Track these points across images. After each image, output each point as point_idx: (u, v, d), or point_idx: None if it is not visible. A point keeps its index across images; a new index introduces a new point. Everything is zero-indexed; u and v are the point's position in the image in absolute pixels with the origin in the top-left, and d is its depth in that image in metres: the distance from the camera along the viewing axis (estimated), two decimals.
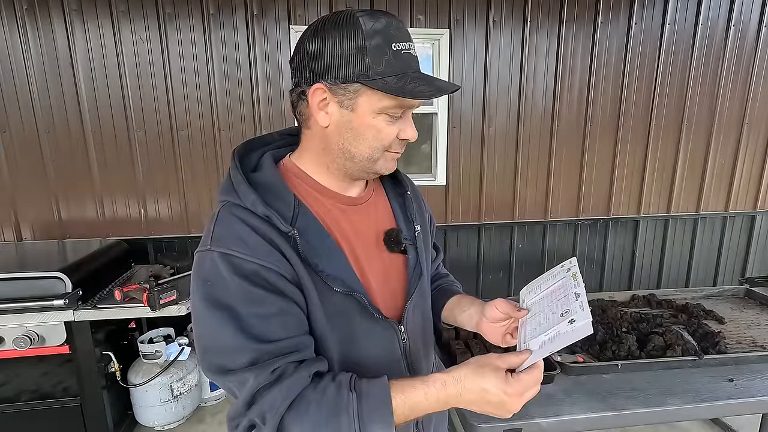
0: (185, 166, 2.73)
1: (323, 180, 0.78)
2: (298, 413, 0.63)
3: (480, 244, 3.15)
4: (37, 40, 2.46)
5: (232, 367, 0.65)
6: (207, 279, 0.67)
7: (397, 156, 0.77)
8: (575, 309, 0.66)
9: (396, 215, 0.87)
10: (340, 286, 0.71)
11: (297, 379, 0.64)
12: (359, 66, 0.66)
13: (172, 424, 2.43)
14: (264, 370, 0.64)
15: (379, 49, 0.66)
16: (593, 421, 1.22)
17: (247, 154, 0.80)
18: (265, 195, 0.70)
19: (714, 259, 3.48)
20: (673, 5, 2.93)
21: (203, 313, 0.67)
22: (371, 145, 0.72)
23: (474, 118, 2.93)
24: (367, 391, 0.65)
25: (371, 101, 0.69)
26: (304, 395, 0.64)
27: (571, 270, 0.75)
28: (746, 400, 1.28)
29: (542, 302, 0.75)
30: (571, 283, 0.72)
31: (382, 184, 0.90)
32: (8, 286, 1.96)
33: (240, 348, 0.64)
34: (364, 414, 0.63)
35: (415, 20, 2.73)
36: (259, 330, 0.65)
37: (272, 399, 0.63)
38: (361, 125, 0.71)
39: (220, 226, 0.70)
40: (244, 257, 0.66)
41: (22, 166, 2.59)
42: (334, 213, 0.77)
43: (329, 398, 0.64)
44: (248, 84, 2.68)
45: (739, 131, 3.20)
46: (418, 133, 0.74)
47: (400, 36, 0.68)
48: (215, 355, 0.66)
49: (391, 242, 0.81)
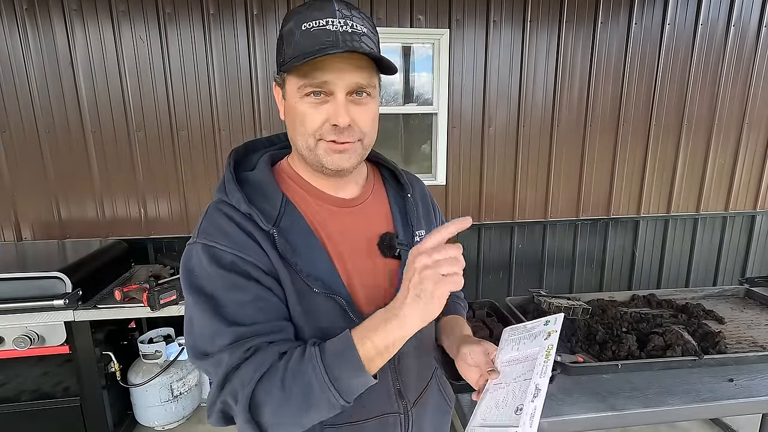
0: (185, 166, 2.73)
1: (313, 180, 0.78)
2: (268, 384, 0.63)
3: (480, 244, 3.16)
4: (37, 40, 2.46)
5: (210, 350, 0.66)
6: (192, 269, 0.70)
7: (338, 147, 0.70)
8: (525, 416, 0.61)
9: (395, 219, 0.84)
10: (321, 287, 0.70)
11: (267, 355, 0.64)
12: (281, 54, 0.70)
13: (172, 424, 2.43)
14: (238, 349, 0.64)
15: (289, 34, 0.68)
16: (593, 421, 1.22)
17: (248, 155, 0.82)
18: (252, 194, 0.72)
19: (714, 259, 3.48)
20: (673, 5, 2.93)
21: (187, 300, 0.70)
22: (301, 132, 0.71)
23: (474, 118, 2.93)
24: (329, 343, 0.65)
25: (292, 86, 0.70)
26: (273, 366, 0.64)
27: (550, 339, 0.69)
28: (746, 400, 1.28)
29: (513, 370, 0.70)
30: (542, 361, 0.66)
31: (385, 185, 0.88)
32: (8, 286, 1.96)
33: (218, 331, 0.65)
34: (329, 360, 0.62)
35: (415, 20, 2.73)
36: (237, 315, 0.66)
37: (243, 375, 0.63)
38: (290, 112, 0.72)
39: (207, 220, 0.73)
40: (224, 248, 0.68)
41: (22, 166, 2.59)
42: (323, 214, 0.77)
43: (294, 360, 0.64)
44: (248, 84, 2.68)
45: (739, 131, 3.20)
46: (417, 131, 0.73)
47: (318, 14, 0.66)
48: (196, 338, 0.68)
49: (384, 246, 0.79)
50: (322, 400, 0.62)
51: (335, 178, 0.77)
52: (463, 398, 1.26)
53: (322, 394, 0.62)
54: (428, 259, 0.60)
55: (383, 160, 0.89)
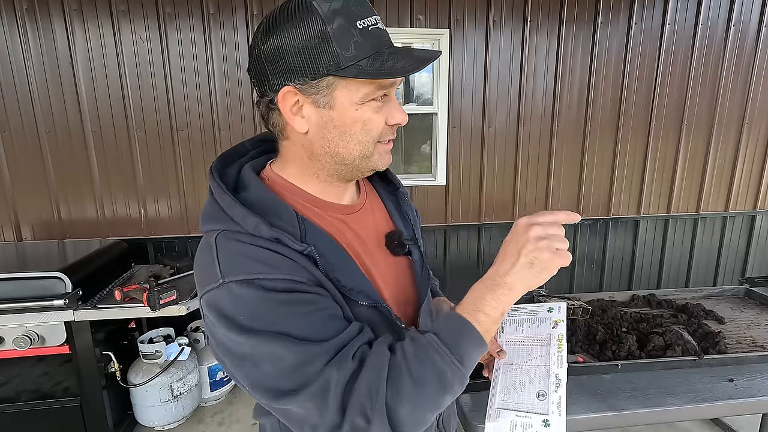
0: (185, 166, 2.73)
1: (314, 190, 0.71)
2: (396, 386, 0.57)
3: (480, 244, 3.16)
4: (37, 40, 2.46)
5: (305, 382, 0.56)
6: (234, 316, 0.58)
7: (390, 147, 0.70)
8: (552, 405, 0.66)
9: (392, 216, 0.82)
10: (365, 299, 0.66)
11: (379, 355, 0.59)
12: (326, 56, 0.59)
13: (172, 424, 2.43)
14: (345, 360, 0.57)
15: (344, 32, 0.58)
16: (593, 421, 1.22)
17: (222, 171, 0.70)
18: (263, 215, 0.62)
19: (714, 259, 3.48)
20: (673, 5, 2.93)
21: (252, 351, 0.57)
22: (361, 140, 0.65)
23: (474, 118, 2.93)
24: (438, 326, 0.63)
25: (350, 92, 0.62)
26: (392, 365, 0.59)
27: (558, 328, 0.72)
28: (746, 400, 1.28)
29: (521, 351, 0.72)
30: (555, 351, 0.69)
31: (373, 185, 0.85)
32: (8, 286, 1.96)
33: (311, 355, 0.57)
34: (450, 341, 0.60)
35: (415, 20, 2.73)
36: (321, 332, 0.59)
37: (366, 383, 0.56)
38: (346, 121, 0.63)
39: (225, 256, 0.60)
40: (270, 276, 0.58)
41: (22, 166, 2.59)
42: (336, 224, 0.72)
43: (411, 352, 0.60)
44: (248, 84, 2.67)
45: (739, 131, 3.20)
46: (417, 131, 0.73)
47: (363, 11, 0.60)
48: (277, 380, 0.57)
49: (394, 246, 0.76)
50: (455, 381, 0.60)
51: (345, 184, 0.74)
52: (463, 398, 1.26)
53: (454, 377, 0.60)
54: (543, 231, 0.61)
55: None
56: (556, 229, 0.63)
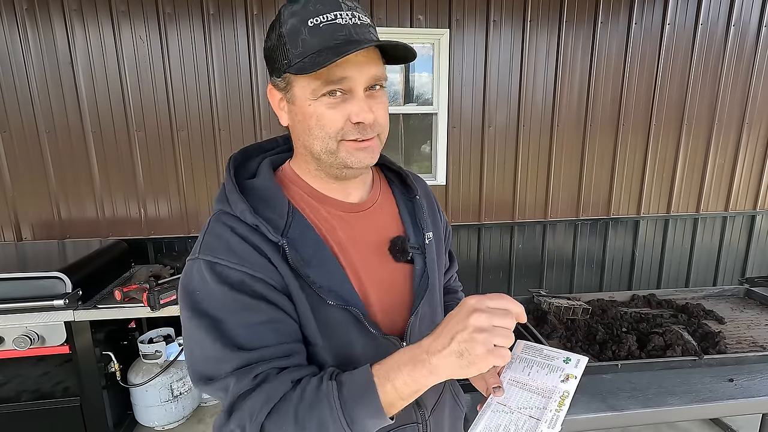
0: (185, 166, 2.73)
1: (319, 185, 0.74)
2: (279, 417, 0.60)
3: (480, 244, 3.16)
4: (37, 40, 2.46)
5: (216, 376, 0.62)
6: (193, 290, 0.65)
7: (362, 145, 0.67)
8: None
9: (404, 221, 0.80)
10: (334, 298, 0.67)
11: (278, 384, 0.61)
12: (282, 55, 0.64)
13: (172, 424, 2.43)
14: (246, 376, 0.61)
15: (294, 31, 0.62)
16: (593, 421, 1.22)
17: (246, 161, 0.77)
18: (257, 203, 0.67)
19: (714, 259, 3.48)
20: (673, 5, 2.93)
21: (190, 323, 0.64)
22: (318, 136, 0.66)
23: (474, 118, 2.93)
24: (348, 378, 0.61)
25: (302, 88, 0.65)
26: (285, 397, 0.60)
27: (568, 384, 0.65)
28: (746, 400, 1.28)
29: (519, 394, 0.67)
30: (553, 408, 0.63)
31: (391, 188, 0.84)
32: (8, 286, 1.96)
33: (224, 357, 0.62)
34: (346, 398, 0.59)
35: (415, 20, 2.73)
36: (244, 339, 0.62)
37: (251, 406, 0.60)
38: (304, 116, 0.66)
39: (209, 234, 0.67)
40: (230, 265, 0.63)
41: (22, 166, 2.59)
42: (331, 221, 0.73)
43: (309, 393, 0.60)
44: (248, 84, 2.68)
45: (739, 131, 3.20)
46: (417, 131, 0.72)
47: (321, 8, 0.62)
48: (200, 364, 0.64)
49: (396, 251, 0.75)
50: None
51: (347, 180, 0.74)
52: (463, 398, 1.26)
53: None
54: (487, 321, 0.55)
55: (388, 162, 0.86)
56: (503, 319, 0.55)
